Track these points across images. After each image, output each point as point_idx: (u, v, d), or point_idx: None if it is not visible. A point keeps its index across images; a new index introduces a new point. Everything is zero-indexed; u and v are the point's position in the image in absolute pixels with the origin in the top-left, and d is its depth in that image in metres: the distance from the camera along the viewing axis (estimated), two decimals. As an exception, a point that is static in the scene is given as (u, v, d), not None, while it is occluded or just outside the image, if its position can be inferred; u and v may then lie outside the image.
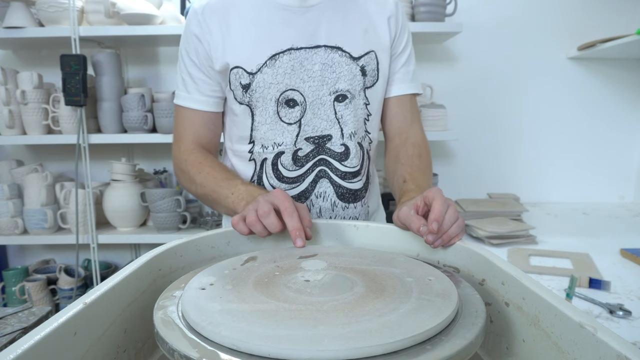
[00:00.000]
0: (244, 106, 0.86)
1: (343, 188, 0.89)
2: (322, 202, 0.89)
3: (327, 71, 0.84)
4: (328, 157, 0.87)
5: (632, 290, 1.00)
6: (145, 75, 1.98)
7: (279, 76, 0.83)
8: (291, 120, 0.85)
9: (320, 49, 0.84)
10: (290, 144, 0.85)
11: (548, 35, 1.87)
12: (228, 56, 0.83)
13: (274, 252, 0.60)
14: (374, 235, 0.68)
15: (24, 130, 1.75)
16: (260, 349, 0.36)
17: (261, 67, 0.82)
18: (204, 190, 0.83)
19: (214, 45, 0.83)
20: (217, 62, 0.83)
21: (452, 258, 0.61)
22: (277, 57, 0.82)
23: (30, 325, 0.76)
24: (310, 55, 0.83)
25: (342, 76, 0.85)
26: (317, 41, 0.84)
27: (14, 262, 2.09)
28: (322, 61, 0.84)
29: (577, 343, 0.38)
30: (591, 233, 1.49)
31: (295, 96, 0.84)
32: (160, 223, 1.74)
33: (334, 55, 0.84)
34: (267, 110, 0.85)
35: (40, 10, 1.64)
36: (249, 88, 0.84)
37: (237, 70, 0.83)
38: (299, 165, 0.86)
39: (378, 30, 0.88)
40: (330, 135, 0.86)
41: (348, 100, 0.86)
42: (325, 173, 0.88)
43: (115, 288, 0.47)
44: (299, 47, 0.83)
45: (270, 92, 0.83)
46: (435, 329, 0.39)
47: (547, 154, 1.96)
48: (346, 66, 0.85)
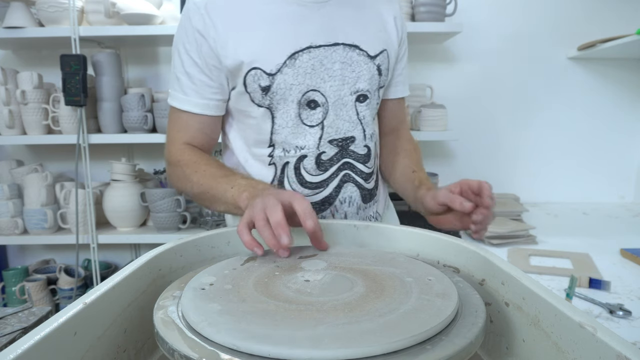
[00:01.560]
0: (263, 109, 0.80)
1: (365, 190, 0.87)
2: (347, 207, 0.85)
3: (346, 70, 0.80)
4: (352, 160, 0.84)
5: (632, 290, 1.00)
6: (145, 75, 1.98)
7: (300, 76, 0.78)
8: (313, 122, 0.81)
9: (339, 47, 0.80)
10: (313, 147, 0.81)
11: (548, 35, 1.87)
12: (241, 55, 0.76)
13: (274, 252, 0.59)
14: (374, 235, 0.68)
15: (24, 130, 1.75)
16: (260, 349, 0.36)
17: (281, 68, 0.77)
18: (201, 189, 0.78)
19: (221, 42, 0.76)
20: (227, 60, 0.77)
21: (452, 258, 0.61)
22: (296, 56, 0.77)
23: (30, 325, 0.76)
24: (330, 54, 0.79)
25: (361, 75, 0.82)
26: (335, 38, 0.79)
27: (14, 262, 2.09)
28: (341, 60, 0.80)
29: (577, 343, 0.38)
30: (591, 233, 1.49)
31: (316, 97, 0.80)
32: (160, 223, 1.74)
33: (352, 53, 0.81)
34: (289, 112, 0.80)
35: (40, 10, 1.64)
36: (269, 90, 0.78)
37: (256, 71, 0.77)
38: (322, 170, 0.82)
39: (388, 28, 0.86)
40: (354, 137, 0.83)
41: (368, 100, 0.84)
42: (350, 177, 0.84)
43: (115, 288, 0.47)
44: (318, 45, 0.78)
45: (292, 93, 0.78)
46: (435, 329, 0.39)
47: (547, 154, 1.96)
48: (365, 65, 0.82)
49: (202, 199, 0.80)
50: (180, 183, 0.83)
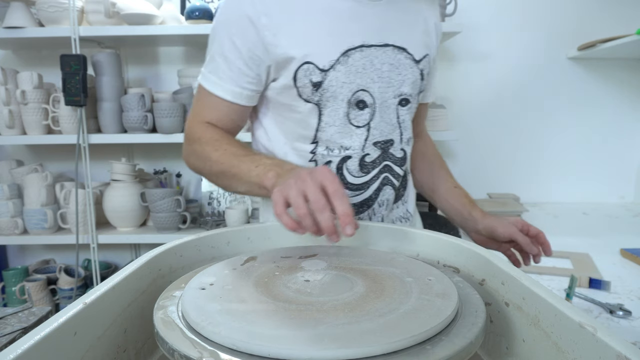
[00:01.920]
0: (311, 105, 0.77)
1: (397, 191, 0.86)
2: (384, 210, 0.85)
3: (393, 72, 0.79)
4: (391, 162, 0.83)
5: (632, 290, 1.00)
6: (145, 75, 1.98)
7: (352, 75, 0.76)
8: (360, 123, 0.79)
9: (389, 48, 0.78)
10: (359, 149, 0.80)
11: (548, 35, 1.87)
12: (294, 47, 0.73)
13: (274, 252, 0.60)
14: (374, 235, 0.68)
15: (24, 130, 1.75)
16: (260, 349, 0.36)
17: (334, 64, 0.75)
18: (221, 167, 0.75)
19: (273, 31, 0.73)
20: (276, 50, 0.74)
21: (452, 258, 0.61)
22: (349, 54, 0.75)
23: (30, 325, 0.77)
24: (380, 54, 0.77)
25: (406, 79, 0.81)
26: (386, 39, 0.78)
27: (14, 262, 2.09)
28: (390, 61, 0.78)
29: (577, 343, 0.38)
30: (591, 233, 1.49)
31: (365, 97, 0.78)
32: (160, 223, 1.74)
33: (400, 56, 0.79)
34: (337, 111, 0.78)
35: (40, 10, 1.64)
36: (320, 86, 0.76)
37: (308, 66, 0.74)
38: (365, 172, 0.81)
39: (430, 33, 0.85)
40: (393, 140, 0.82)
41: (410, 104, 0.83)
42: (389, 180, 0.84)
43: (115, 288, 0.47)
44: (370, 44, 0.76)
45: (343, 92, 0.77)
46: (435, 329, 0.39)
47: (547, 154, 1.96)
48: (410, 69, 0.81)
49: (221, 178, 0.77)
50: (199, 161, 0.80)
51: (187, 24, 1.71)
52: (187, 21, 1.71)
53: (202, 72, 0.81)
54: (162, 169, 1.99)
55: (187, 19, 1.71)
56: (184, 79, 1.81)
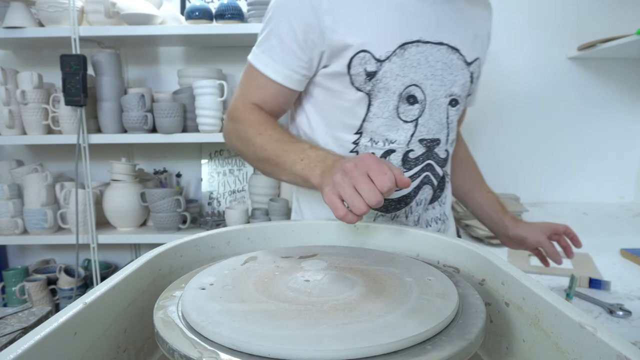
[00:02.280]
0: (361, 94, 0.77)
1: (435, 191, 0.86)
2: (421, 209, 0.84)
3: (446, 72, 0.79)
4: (434, 162, 0.83)
5: (632, 290, 1.00)
6: (145, 75, 1.98)
7: (406, 68, 0.76)
8: (408, 118, 0.79)
9: (443, 47, 0.78)
10: (404, 144, 0.79)
11: (548, 35, 1.87)
12: (351, 35, 0.73)
13: (274, 252, 0.60)
14: (374, 235, 0.68)
15: (24, 130, 1.75)
16: (260, 349, 0.36)
17: (390, 56, 0.75)
18: (265, 154, 0.75)
19: (334, 16, 0.72)
20: (334, 35, 0.73)
21: (452, 258, 0.61)
22: (406, 47, 0.75)
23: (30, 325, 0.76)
24: (435, 52, 0.77)
25: (458, 80, 0.81)
26: (441, 38, 0.78)
27: (14, 262, 2.09)
28: (443, 60, 0.78)
29: (577, 343, 0.38)
30: (591, 233, 1.49)
31: (417, 93, 0.78)
32: (160, 223, 1.74)
33: (453, 56, 0.79)
34: (388, 103, 0.77)
35: (40, 10, 1.64)
36: (373, 76, 0.75)
37: (364, 54, 0.74)
38: (407, 168, 0.81)
39: (483, 38, 0.86)
40: (439, 140, 0.82)
41: (459, 105, 0.83)
42: (429, 179, 0.83)
43: (115, 288, 0.47)
44: (426, 40, 0.76)
45: (396, 84, 0.76)
46: (435, 329, 0.39)
47: (547, 154, 1.96)
48: (461, 70, 0.81)
49: (263, 164, 0.77)
50: (240, 143, 0.80)
51: (187, 24, 1.71)
52: (187, 21, 1.71)
53: (254, 51, 0.80)
54: (162, 169, 1.99)
55: (187, 19, 1.71)
56: (184, 79, 1.81)
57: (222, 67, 1.87)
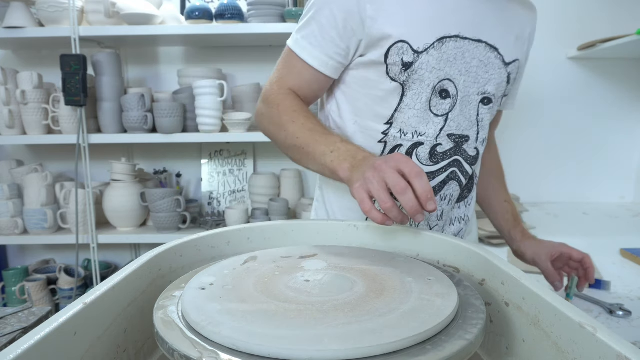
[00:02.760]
0: (396, 84, 0.78)
1: (462, 189, 0.86)
2: (445, 204, 0.84)
3: (481, 69, 0.80)
4: (462, 159, 0.83)
5: (632, 290, 1.00)
6: (145, 75, 1.98)
7: (443, 62, 0.76)
8: (439, 112, 0.79)
9: (481, 45, 0.79)
10: (432, 137, 0.80)
11: (548, 35, 1.87)
12: (391, 25, 0.74)
13: (274, 252, 0.60)
14: (374, 235, 0.68)
15: (24, 130, 1.75)
16: (260, 349, 0.36)
17: (428, 48, 0.75)
18: (296, 142, 0.75)
19: (375, 5, 0.73)
20: (375, 24, 0.74)
21: (452, 258, 0.61)
22: (444, 41, 0.76)
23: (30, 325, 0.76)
24: (472, 49, 0.78)
25: (493, 78, 0.81)
26: (480, 35, 0.78)
27: (14, 262, 2.09)
28: (480, 58, 0.79)
29: (577, 343, 0.38)
30: (591, 233, 1.49)
31: (449, 87, 0.78)
32: (160, 223, 1.74)
33: (490, 55, 0.80)
34: (421, 95, 0.78)
35: (40, 10, 1.64)
36: (410, 67, 0.76)
37: (402, 45, 0.75)
38: (434, 162, 0.81)
39: (524, 40, 0.86)
40: (468, 137, 0.82)
41: (492, 104, 0.83)
42: (456, 175, 0.83)
43: (115, 288, 0.47)
44: (464, 36, 0.77)
45: (431, 77, 0.77)
46: (435, 329, 0.39)
47: (547, 153, 1.96)
48: (498, 69, 0.81)
49: (293, 151, 0.78)
50: (272, 127, 0.81)
51: (187, 24, 1.71)
52: (187, 21, 1.71)
53: (293, 36, 0.81)
54: (162, 169, 1.99)
55: (187, 19, 1.71)
56: (184, 79, 1.81)
57: (222, 67, 1.87)
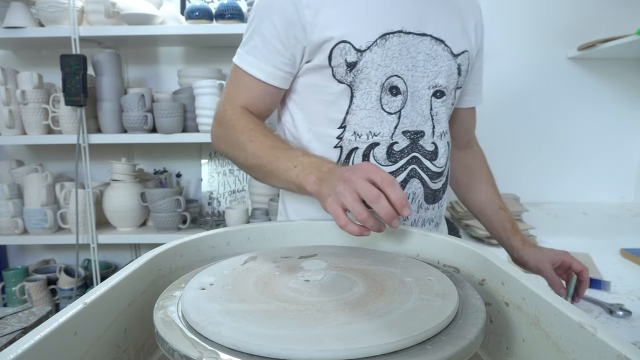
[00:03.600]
0: (343, 86, 0.77)
1: (429, 189, 0.84)
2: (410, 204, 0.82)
3: (429, 63, 0.79)
4: (420, 155, 0.81)
5: (632, 290, 1.00)
6: (145, 75, 1.98)
7: (388, 59, 0.76)
8: (392, 109, 0.78)
9: (426, 38, 0.78)
10: (387, 136, 0.79)
11: (548, 35, 1.87)
12: (331, 27, 0.73)
13: (274, 252, 0.60)
14: (374, 235, 0.68)
15: (24, 130, 1.75)
16: (260, 349, 0.36)
17: (371, 46, 0.75)
18: (257, 161, 0.74)
19: (313, 9, 0.73)
20: (314, 30, 0.74)
21: (452, 258, 0.61)
22: (387, 37, 0.75)
23: (30, 325, 0.76)
24: (417, 43, 0.77)
25: (442, 71, 0.80)
26: (424, 29, 0.78)
27: (14, 262, 2.09)
28: (426, 51, 0.78)
29: (577, 343, 0.38)
30: (591, 233, 1.49)
31: (399, 84, 0.78)
32: (160, 223, 1.74)
33: (437, 47, 0.79)
34: (370, 94, 0.77)
35: (40, 10, 1.64)
36: (354, 67, 0.75)
37: (344, 45, 0.74)
38: (392, 161, 0.80)
39: (469, 31, 0.85)
40: (423, 132, 0.81)
41: (445, 97, 0.82)
42: (416, 172, 0.82)
43: (115, 288, 0.47)
44: (408, 31, 0.76)
45: (377, 74, 0.76)
46: (435, 329, 0.39)
47: (547, 153, 1.96)
48: (447, 61, 0.81)
49: (256, 171, 0.77)
50: (231, 149, 0.79)
51: (187, 24, 1.71)
52: (187, 21, 1.71)
53: (238, 52, 0.80)
54: (162, 169, 1.99)
55: (187, 19, 1.71)
56: (184, 79, 1.81)
57: (222, 67, 1.87)
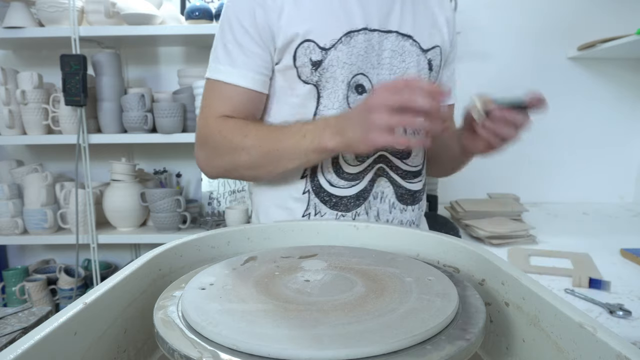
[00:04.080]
0: (310, 86, 0.76)
1: (403, 188, 0.82)
2: (379, 203, 0.82)
3: (396, 59, 0.78)
4: (387, 153, 0.80)
5: (632, 290, 1.00)
6: (145, 75, 1.98)
7: (353, 57, 0.74)
8: None
9: (392, 35, 0.77)
10: None
11: (548, 35, 1.87)
12: (295, 26, 0.72)
13: (274, 252, 0.60)
14: (374, 235, 0.68)
15: (24, 130, 1.75)
16: (260, 349, 0.36)
17: (336, 44, 0.73)
18: (263, 150, 0.71)
19: (277, 12, 0.73)
20: (280, 31, 0.73)
21: (452, 258, 0.61)
22: (352, 35, 0.74)
23: (30, 325, 0.77)
24: (382, 40, 0.76)
25: (411, 67, 0.79)
26: (389, 25, 0.77)
27: (14, 262, 2.09)
28: (392, 48, 0.77)
29: (577, 343, 0.38)
30: (591, 233, 1.49)
31: (364, 82, 0.76)
32: (160, 223, 1.74)
33: (404, 43, 0.78)
34: (337, 93, 0.76)
35: (40, 10, 1.64)
36: (319, 66, 0.74)
37: (308, 44, 0.73)
38: (360, 161, 0.79)
39: (440, 26, 0.84)
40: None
41: None
42: (384, 171, 0.81)
43: (115, 288, 0.47)
44: (372, 28, 0.75)
45: (343, 72, 0.75)
46: (435, 329, 0.39)
47: (547, 153, 1.96)
48: (416, 57, 0.79)
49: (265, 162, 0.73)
50: (228, 156, 0.76)
51: (187, 24, 1.71)
52: (187, 21, 1.71)
53: (210, 67, 0.78)
54: (162, 169, 1.99)
55: (187, 19, 1.71)
56: (184, 79, 1.81)
57: (222, 67, 1.87)
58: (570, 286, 1.01)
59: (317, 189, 0.79)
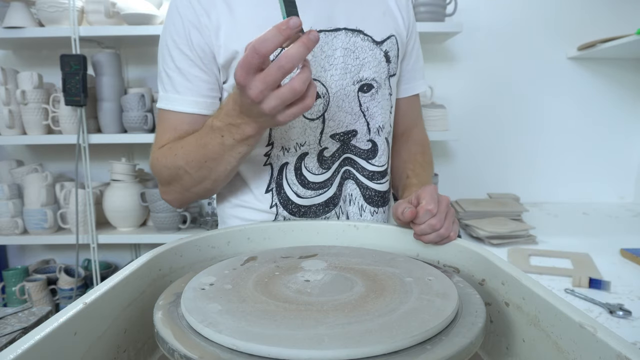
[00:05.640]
0: None
1: (371, 190, 0.80)
2: (349, 206, 0.80)
3: (349, 57, 0.75)
4: (353, 155, 0.78)
5: (632, 290, 1.00)
6: (145, 75, 1.98)
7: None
8: (313, 115, 0.74)
9: (340, 32, 0.74)
10: (315, 143, 0.75)
11: (548, 35, 1.87)
12: (234, 43, 0.70)
13: (274, 252, 0.60)
14: (374, 235, 0.68)
15: (24, 130, 1.75)
16: (260, 349, 0.36)
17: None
18: (194, 164, 0.68)
19: (214, 30, 0.70)
20: (219, 51, 0.71)
21: (452, 258, 0.61)
22: None
23: (30, 325, 0.76)
24: (330, 40, 0.73)
25: (366, 63, 0.76)
26: (336, 23, 0.74)
27: (14, 262, 2.09)
28: (343, 46, 0.74)
29: (577, 343, 0.38)
30: (591, 233, 1.49)
31: (317, 87, 0.73)
32: (160, 223, 1.74)
33: (355, 39, 0.75)
34: None
35: (40, 10, 1.64)
36: None
37: None
38: (325, 168, 0.77)
39: (394, 14, 0.81)
40: (355, 131, 0.77)
41: (374, 90, 0.77)
42: (350, 173, 0.79)
43: (115, 288, 0.47)
44: (318, 29, 0.72)
45: None
46: (435, 329, 0.39)
47: (547, 153, 1.97)
48: (370, 51, 0.76)
49: (204, 172, 0.70)
50: (173, 184, 0.73)
51: (187, 24, 1.71)
52: (187, 21, 1.71)
53: (159, 96, 0.76)
54: (162, 169, 1.99)
55: (187, 19, 1.71)
56: (184, 79, 1.81)
57: (222, 67, 1.87)
58: (570, 286, 1.02)
59: (285, 201, 0.77)
